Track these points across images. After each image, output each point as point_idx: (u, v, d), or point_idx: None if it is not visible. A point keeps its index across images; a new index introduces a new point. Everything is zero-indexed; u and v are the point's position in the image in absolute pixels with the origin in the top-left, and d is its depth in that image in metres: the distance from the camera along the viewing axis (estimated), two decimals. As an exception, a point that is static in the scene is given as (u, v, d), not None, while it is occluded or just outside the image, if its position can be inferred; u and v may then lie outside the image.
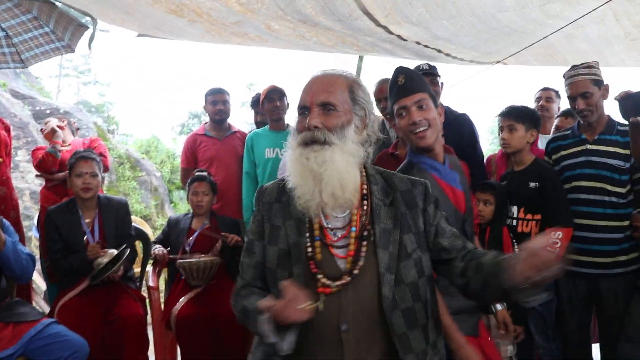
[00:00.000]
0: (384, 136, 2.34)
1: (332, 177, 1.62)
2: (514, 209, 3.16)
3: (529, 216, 3.07)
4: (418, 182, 1.81)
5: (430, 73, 3.80)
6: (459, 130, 3.71)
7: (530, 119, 3.15)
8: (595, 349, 3.21)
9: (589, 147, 3.01)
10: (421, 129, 2.16)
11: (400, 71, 2.25)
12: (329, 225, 1.71)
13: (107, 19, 4.25)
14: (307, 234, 1.69)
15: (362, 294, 1.65)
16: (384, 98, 4.05)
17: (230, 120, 4.87)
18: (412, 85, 2.19)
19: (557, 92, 4.51)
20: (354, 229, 1.69)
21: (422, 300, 1.69)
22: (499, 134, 3.31)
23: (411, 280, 1.68)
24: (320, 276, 1.64)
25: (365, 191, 1.74)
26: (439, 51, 4.45)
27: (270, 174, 4.26)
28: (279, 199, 1.78)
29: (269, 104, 4.41)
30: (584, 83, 2.92)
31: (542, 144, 3.76)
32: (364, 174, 1.77)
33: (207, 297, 3.66)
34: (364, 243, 1.67)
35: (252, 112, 5.20)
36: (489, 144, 21.26)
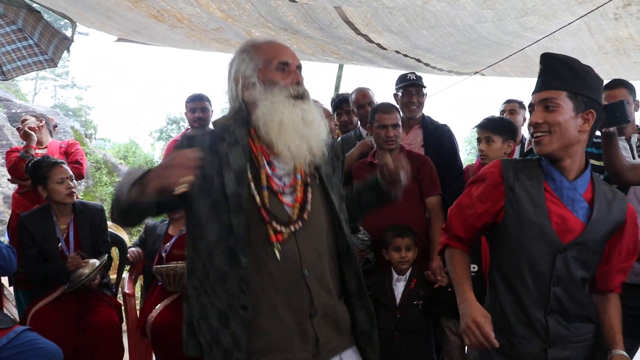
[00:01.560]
0: None
1: (317, 132, 1.73)
2: (491, 218, 3.18)
3: (505, 225, 3.09)
4: (333, 140, 1.93)
5: (417, 84, 3.83)
6: (439, 140, 3.75)
7: (507, 131, 3.18)
8: None
9: (565, 158, 3.04)
10: (538, 133, 1.81)
11: (541, 59, 1.90)
12: (275, 174, 1.75)
13: (86, 22, 4.21)
14: (253, 184, 1.69)
15: (317, 238, 1.74)
16: (368, 103, 4.08)
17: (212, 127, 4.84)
18: (547, 78, 1.84)
19: (520, 103, 4.61)
20: (299, 176, 1.75)
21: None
22: (478, 144, 3.34)
23: (346, 217, 1.85)
24: (274, 222, 1.67)
25: None
26: (419, 60, 4.49)
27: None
28: (214, 149, 1.70)
29: None
30: (560, 95, 2.96)
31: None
32: None
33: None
34: (309, 189, 1.76)
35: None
36: (467, 154, 21.48)
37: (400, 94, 3.87)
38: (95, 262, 3.45)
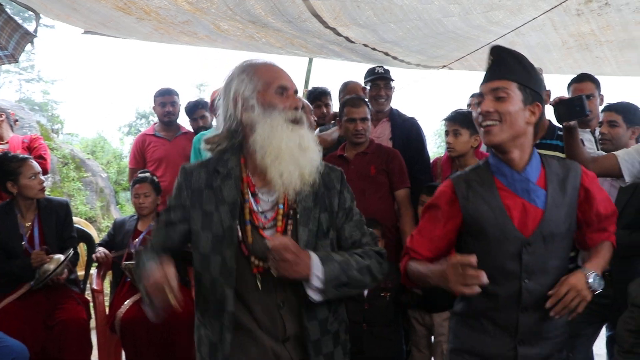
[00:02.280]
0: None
1: (310, 159, 1.74)
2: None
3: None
4: (335, 168, 1.93)
5: (385, 77, 3.85)
6: (407, 133, 3.78)
7: (474, 124, 3.20)
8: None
9: (530, 150, 3.08)
10: (488, 122, 1.79)
11: (491, 51, 1.86)
12: (259, 209, 1.79)
13: (51, 14, 4.11)
14: (238, 219, 1.75)
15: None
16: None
17: (179, 121, 4.80)
18: (498, 69, 1.81)
19: None
20: (281, 206, 1.78)
21: None
22: (446, 137, 3.37)
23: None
24: (252, 258, 1.75)
25: None
26: (387, 54, 4.51)
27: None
28: (209, 185, 1.79)
29: None
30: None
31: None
32: None
33: (154, 299, 3.59)
34: (290, 221, 1.78)
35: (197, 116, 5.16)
36: (437, 147, 21.61)
37: (368, 87, 3.88)
38: (60, 257, 3.39)
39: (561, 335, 1.87)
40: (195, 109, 4.57)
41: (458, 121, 3.24)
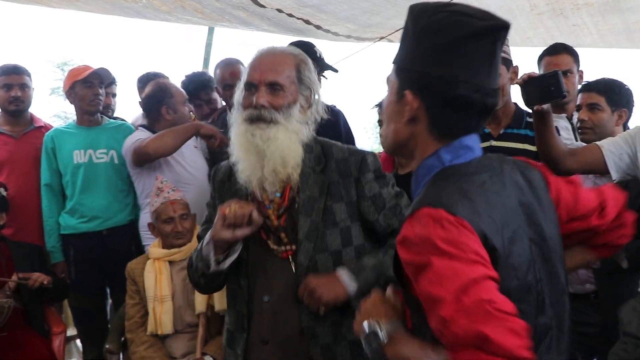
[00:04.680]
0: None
1: (274, 153, 2.09)
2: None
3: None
4: (357, 152, 2.26)
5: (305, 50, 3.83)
6: (328, 127, 3.74)
7: None
8: None
9: (494, 143, 3.10)
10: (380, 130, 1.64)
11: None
12: (263, 198, 2.21)
13: None
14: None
15: (282, 263, 2.20)
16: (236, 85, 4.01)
17: (32, 111, 4.58)
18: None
19: None
20: (278, 194, 2.19)
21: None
22: (379, 128, 3.38)
23: (335, 248, 2.17)
24: (269, 242, 2.21)
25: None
26: (307, 22, 4.50)
27: (84, 185, 4.07)
28: (229, 177, 2.28)
29: (85, 90, 4.18)
30: (487, 62, 3.03)
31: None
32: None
33: (-5, 356, 3.41)
34: (285, 214, 2.18)
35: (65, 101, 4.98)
36: (377, 143, 22.01)
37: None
38: None
39: None
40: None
41: None
